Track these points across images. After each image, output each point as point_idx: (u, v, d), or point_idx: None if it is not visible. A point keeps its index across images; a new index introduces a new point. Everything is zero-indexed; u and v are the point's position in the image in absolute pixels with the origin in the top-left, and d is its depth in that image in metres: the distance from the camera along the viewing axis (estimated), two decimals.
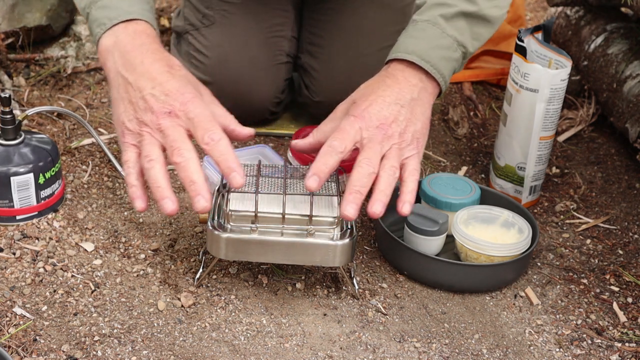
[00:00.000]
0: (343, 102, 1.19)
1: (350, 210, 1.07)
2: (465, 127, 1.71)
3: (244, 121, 1.61)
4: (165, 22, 2.08)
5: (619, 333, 1.18)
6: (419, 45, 1.18)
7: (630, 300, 1.25)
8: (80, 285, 1.17)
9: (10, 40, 1.75)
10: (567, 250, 1.36)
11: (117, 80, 1.11)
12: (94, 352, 1.06)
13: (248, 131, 1.15)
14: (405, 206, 1.11)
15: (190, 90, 1.09)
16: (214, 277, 1.21)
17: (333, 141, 1.10)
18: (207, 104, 1.10)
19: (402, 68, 1.18)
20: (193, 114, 1.06)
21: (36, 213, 1.28)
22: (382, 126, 1.11)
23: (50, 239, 1.25)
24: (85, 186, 1.39)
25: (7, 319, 1.09)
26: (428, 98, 1.18)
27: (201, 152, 1.07)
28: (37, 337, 1.07)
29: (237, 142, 1.48)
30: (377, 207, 1.08)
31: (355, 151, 1.12)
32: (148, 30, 1.15)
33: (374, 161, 1.09)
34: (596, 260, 1.34)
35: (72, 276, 1.19)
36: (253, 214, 1.11)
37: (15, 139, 1.26)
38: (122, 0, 1.16)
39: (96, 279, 1.19)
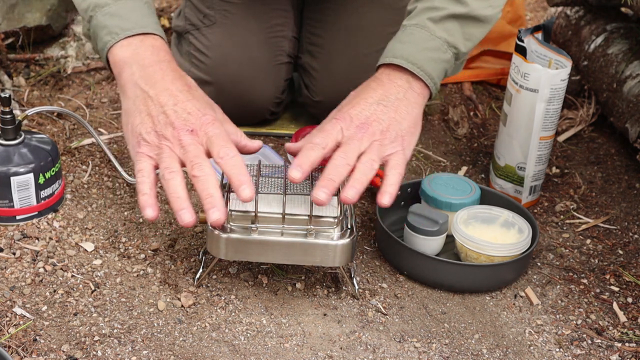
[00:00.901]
0: (334, 109, 1.21)
1: (322, 195, 1.08)
2: (465, 127, 1.71)
3: (244, 121, 1.62)
4: (165, 22, 2.08)
5: (619, 333, 1.18)
6: (406, 49, 1.19)
7: (630, 300, 1.25)
8: (80, 285, 1.17)
9: (10, 40, 1.75)
10: (567, 250, 1.36)
11: (135, 92, 1.13)
12: (94, 352, 1.06)
13: (258, 144, 1.19)
14: (385, 197, 1.12)
15: (210, 112, 1.12)
16: (214, 277, 1.21)
17: (314, 138, 1.13)
18: (221, 123, 1.13)
19: (389, 72, 1.20)
20: (212, 133, 1.10)
21: (36, 213, 1.29)
22: (363, 125, 1.14)
23: (50, 239, 1.25)
24: (85, 186, 1.39)
25: (7, 319, 1.09)
26: (416, 98, 1.19)
27: None
28: (37, 337, 1.07)
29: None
30: (349, 193, 1.09)
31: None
32: (165, 48, 1.18)
33: (350, 155, 1.11)
34: (596, 260, 1.34)
35: (72, 276, 1.19)
36: (253, 214, 1.11)
37: (15, 139, 1.26)
38: (132, 11, 1.17)
39: (96, 279, 1.19)
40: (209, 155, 1.10)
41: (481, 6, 1.23)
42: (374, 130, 1.14)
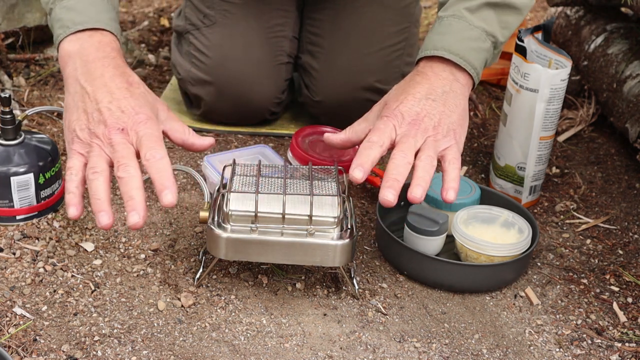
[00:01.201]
0: (377, 103, 1.20)
1: (389, 195, 1.08)
2: None
3: (244, 121, 1.62)
4: (165, 22, 2.08)
5: (619, 333, 1.18)
6: (446, 40, 1.18)
7: (630, 300, 1.25)
8: (80, 285, 1.17)
9: (10, 40, 1.75)
10: (567, 250, 1.36)
11: (75, 88, 1.11)
12: (94, 352, 1.06)
13: (208, 141, 1.16)
14: (450, 193, 1.12)
15: (146, 111, 1.09)
16: (214, 277, 1.21)
17: (372, 137, 1.12)
18: (161, 123, 1.11)
19: (431, 65, 1.19)
20: (142, 133, 1.07)
21: (36, 213, 1.29)
22: (415, 122, 1.13)
23: (50, 239, 1.25)
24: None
25: (7, 319, 1.09)
26: (462, 90, 1.19)
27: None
28: (37, 337, 1.07)
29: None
30: (417, 191, 1.09)
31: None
32: (113, 44, 1.16)
33: (409, 153, 1.11)
34: (596, 260, 1.34)
35: (72, 276, 1.19)
36: (253, 214, 1.11)
37: (15, 139, 1.26)
38: (89, 6, 1.16)
39: (96, 279, 1.19)
40: (139, 155, 1.08)
41: None
42: (427, 126, 1.13)
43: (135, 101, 1.10)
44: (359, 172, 1.09)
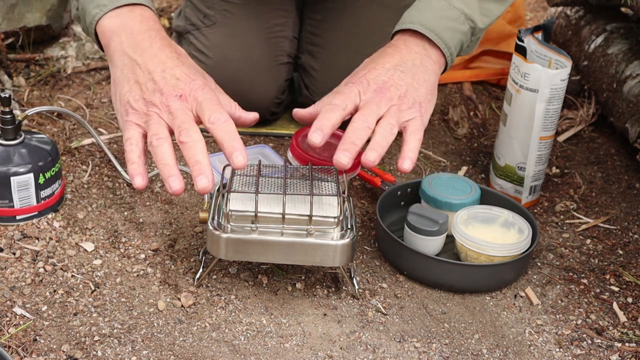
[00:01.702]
0: (348, 76, 1.20)
1: (344, 158, 1.08)
2: (465, 127, 1.71)
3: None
4: (165, 22, 2.08)
5: (619, 333, 1.18)
6: (423, 15, 1.19)
7: (630, 300, 1.25)
8: (80, 285, 1.17)
9: (10, 40, 1.75)
10: (567, 250, 1.36)
11: (123, 61, 1.12)
12: (94, 352, 1.06)
13: (253, 116, 1.17)
14: (406, 162, 1.12)
15: (200, 77, 1.11)
16: (214, 277, 1.21)
17: (334, 100, 1.12)
18: (212, 89, 1.12)
19: (405, 38, 1.19)
20: (202, 98, 1.07)
21: (36, 213, 1.29)
22: (380, 89, 1.13)
23: (50, 239, 1.25)
24: (85, 186, 1.39)
25: (7, 319, 1.09)
26: (433, 66, 1.19)
27: None
28: (37, 337, 1.07)
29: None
30: (370, 155, 1.09)
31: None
32: (154, 17, 1.17)
33: (370, 119, 1.11)
34: (596, 260, 1.34)
35: (72, 276, 1.19)
36: (253, 214, 1.11)
37: (15, 139, 1.26)
38: None
39: (96, 279, 1.19)
40: (199, 122, 1.08)
41: None
42: (392, 95, 1.13)
43: (188, 69, 1.11)
44: (317, 136, 1.08)
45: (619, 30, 1.75)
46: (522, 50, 1.38)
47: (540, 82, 1.35)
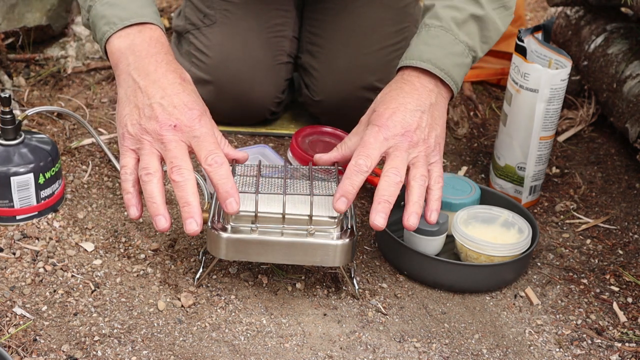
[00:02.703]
0: (365, 114, 1.19)
1: (380, 220, 1.09)
2: (465, 127, 1.71)
3: (244, 121, 1.62)
4: (165, 22, 2.08)
5: (619, 333, 1.18)
6: (433, 53, 1.19)
7: (630, 300, 1.25)
8: (80, 285, 1.17)
9: (10, 40, 1.75)
10: (567, 250, 1.36)
11: (128, 82, 1.12)
12: (94, 352, 1.06)
13: (242, 155, 1.18)
14: (433, 214, 1.15)
15: (199, 107, 1.10)
16: (214, 277, 1.21)
17: (359, 159, 1.10)
18: (210, 120, 1.12)
19: (418, 75, 1.19)
20: (199, 132, 1.08)
21: (36, 213, 1.29)
22: (407, 134, 1.13)
23: (50, 239, 1.25)
24: (85, 186, 1.39)
25: (7, 319, 1.09)
26: (444, 102, 1.20)
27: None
28: (37, 337, 1.07)
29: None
30: (413, 220, 1.11)
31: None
32: (162, 39, 1.17)
33: (401, 170, 1.11)
34: (596, 260, 1.34)
35: (72, 276, 1.19)
36: (253, 214, 1.11)
37: (15, 139, 1.26)
38: (131, 1, 1.17)
39: (96, 279, 1.19)
40: (192, 152, 1.09)
41: (494, 7, 1.23)
42: (418, 140, 1.13)
43: (188, 97, 1.11)
44: (342, 204, 1.09)
45: (619, 30, 1.75)
46: (522, 50, 1.38)
47: (540, 82, 1.35)
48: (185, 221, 1.05)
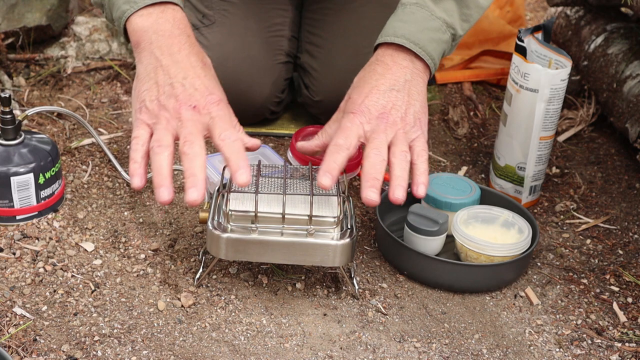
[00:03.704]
0: (343, 99, 1.20)
1: (372, 194, 1.08)
2: (465, 127, 1.71)
3: (244, 120, 1.62)
4: None
5: (619, 333, 1.18)
6: (407, 28, 1.19)
7: (630, 300, 1.25)
8: (80, 285, 1.17)
9: (10, 40, 1.75)
10: (567, 250, 1.36)
11: (149, 60, 1.13)
12: (94, 352, 1.06)
13: (254, 142, 1.17)
14: (421, 188, 1.13)
15: (218, 92, 1.12)
16: (214, 277, 1.21)
17: (337, 140, 1.12)
18: (228, 106, 1.13)
19: (391, 52, 1.19)
20: (216, 114, 1.09)
21: (36, 213, 1.28)
22: (383, 115, 1.13)
23: (50, 239, 1.25)
24: (85, 186, 1.39)
25: (7, 319, 1.09)
26: (422, 76, 1.19)
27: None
28: (37, 337, 1.07)
29: None
30: (399, 193, 1.10)
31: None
32: (185, 20, 1.18)
33: (382, 150, 1.11)
34: (596, 260, 1.34)
35: (72, 276, 1.19)
36: (253, 214, 1.11)
37: (15, 139, 1.26)
38: None
39: (96, 279, 1.19)
40: (207, 136, 1.09)
41: None
42: (395, 119, 1.14)
43: (209, 82, 1.12)
44: (327, 179, 1.09)
45: (619, 30, 1.75)
46: (522, 50, 1.38)
47: (540, 82, 1.35)
48: (187, 189, 1.03)
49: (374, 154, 1.10)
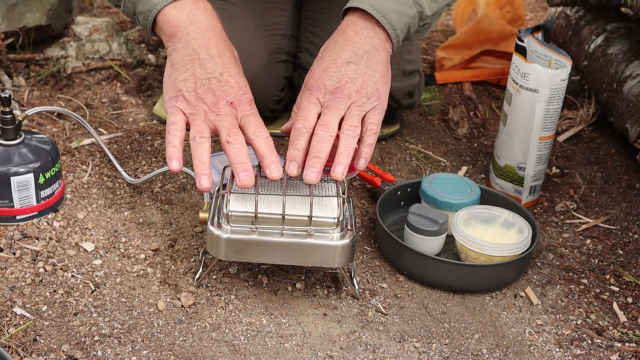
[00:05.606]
0: (308, 72, 1.23)
1: (311, 175, 1.11)
2: (465, 127, 1.71)
3: None
4: None
5: (619, 333, 1.18)
6: None
7: (630, 300, 1.25)
8: (80, 285, 1.17)
9: (10, 40, 1.75)
10: (567, 250, 1.36)
11: (186, 50, 1.17)
12: (94, 352, 1.06)
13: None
14: (360, 161, 1.16)
15: (249, 92, 1.18)
16: (214, 277, 1.21)
17: (297, 124, 1.15)
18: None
19: (355, 20, 1.21)
20: (250, 112, 1.16)
21: (36, 213, 1.29)
22: (337, 90, 1.16)
23: (50, 239, 1.25)
24: (85, 186, 1.39)
25: (7, 319, 1.09)
26: (383, 46, 1.20)
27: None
28: (37, 337, 1.07)
29: None
30: (337, 170, 1.12)
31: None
32: (215, 12, 1.22)
33: (331, 126, 1.13)
34: (596, 260, 1.34)
35: (72, 276, 1.19)
36: (253, 214, 1.11)
37: (15, 139, 1.26)
38: None
39: (96, 279, 1.19)
40: (243, 131, 1.14)
41: None
42: (349, 92, 1.15)
43: (242, 80, 1.18)
44: (293, 168, 1.12)
45: (619, 30, 1.75)
46: (522, 50, 1.38)
47: (540, 82, 1.35)
48: (239, 174, 1.09)
49: (321, 131, 1.13)
